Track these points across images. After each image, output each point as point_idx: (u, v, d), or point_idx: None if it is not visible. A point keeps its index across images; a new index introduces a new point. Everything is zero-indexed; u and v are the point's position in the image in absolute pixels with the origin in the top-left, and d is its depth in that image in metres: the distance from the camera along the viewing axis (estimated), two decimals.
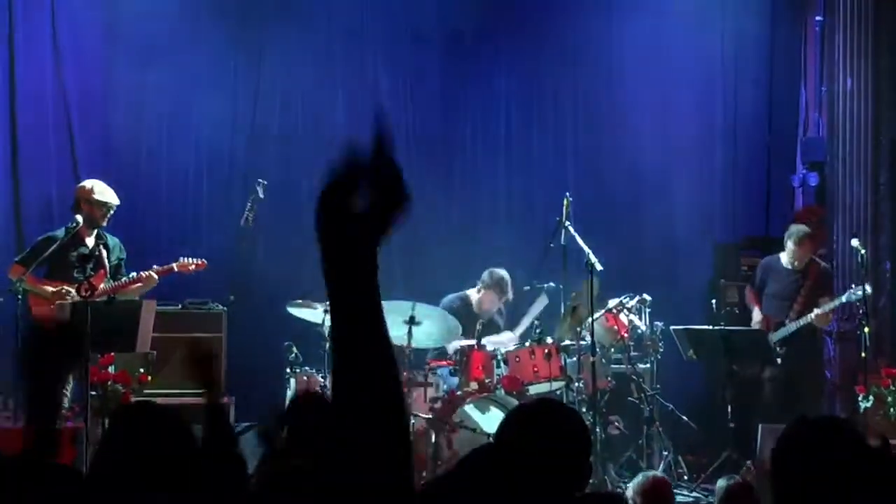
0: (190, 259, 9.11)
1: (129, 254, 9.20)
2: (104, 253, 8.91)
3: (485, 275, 9.77)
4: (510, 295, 9.82)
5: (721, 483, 5.60)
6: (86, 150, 10.66)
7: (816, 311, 9.32)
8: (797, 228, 9.77)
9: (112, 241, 9.07)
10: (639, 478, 5.69)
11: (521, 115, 11.66)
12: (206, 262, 9.17)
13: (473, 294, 9.86)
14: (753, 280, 10.05)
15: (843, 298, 9.32)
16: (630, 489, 5.61)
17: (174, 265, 9.02)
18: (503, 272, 9.78)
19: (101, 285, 8.68)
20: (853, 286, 9.37)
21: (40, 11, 10.61)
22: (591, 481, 8.20)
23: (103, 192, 8.92)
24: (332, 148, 10.77)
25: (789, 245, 9.66)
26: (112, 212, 8.98)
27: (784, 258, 9.75)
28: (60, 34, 10.69)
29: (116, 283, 8.84)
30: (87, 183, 9.01)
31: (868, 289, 9.22)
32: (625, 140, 11.50)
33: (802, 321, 9.41)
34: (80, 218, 8.76)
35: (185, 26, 10.88)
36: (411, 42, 11.46)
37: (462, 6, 11.53)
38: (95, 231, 8.95)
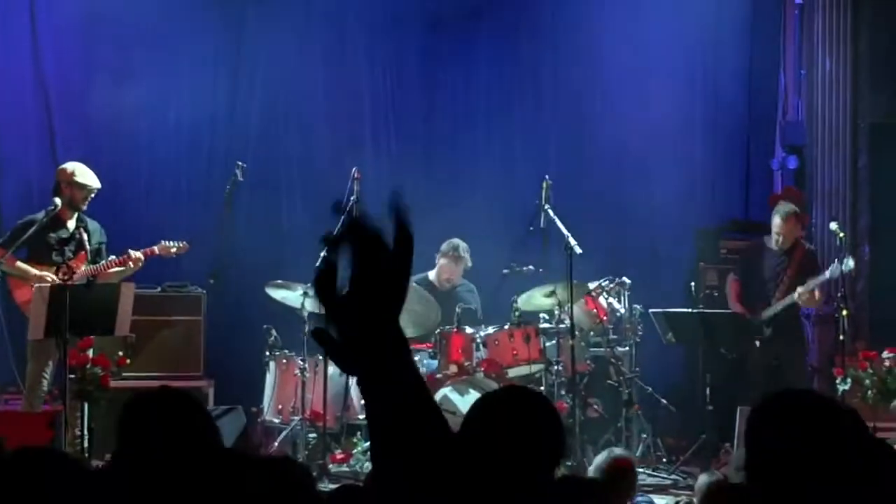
0: (172, 242, 9.04)
1: (109, 238, 9.14)
2: (85, 236, 8.85)
3: (441, 247, 9.82)
4: (467, 260, 9.82)
5: (702, 479, 5.40)
6: (65, 135, 10.60)
7: (800, 288, 9.31)
8: (785, 204, 9.75)
9: (93, 225, 9.01)
10: (601, 455, 5.66)
11: (500, 98, 11.60)
12: (188, 244, 9.12)
13: (432, 273, 9.89)
14: (737, 269, 10.05)
15: (827, 274, 9.30)
16: (592, 467, 5.58)
17: (155, 248, 8.96)
18: (457, 240, 9.81)
19: (82, 268, 8.64)
20: (835, 261, 9.37)
21: None
22: (569, 463, 8.24)
23: (84, 174, 8.86)
24: (313, 131, 10.88)
25: (775, 220, 9.57)
26: (93, 195, 8.91)
27: (769, 240, 9.74)
28: (39, 18, 10.62)
29: (97, 266, 8.80)
30: (69, 165, 8.94)
31: (851, 263, 9.22)
32: (605, 123, 11.46)
33: (787, 300, 9.42)
34: (58, 201, 8.70)
35: (165, 10, 10.81)
36: (391, 24, 11.41)
37: None
38: (76, 214, 8.89)
